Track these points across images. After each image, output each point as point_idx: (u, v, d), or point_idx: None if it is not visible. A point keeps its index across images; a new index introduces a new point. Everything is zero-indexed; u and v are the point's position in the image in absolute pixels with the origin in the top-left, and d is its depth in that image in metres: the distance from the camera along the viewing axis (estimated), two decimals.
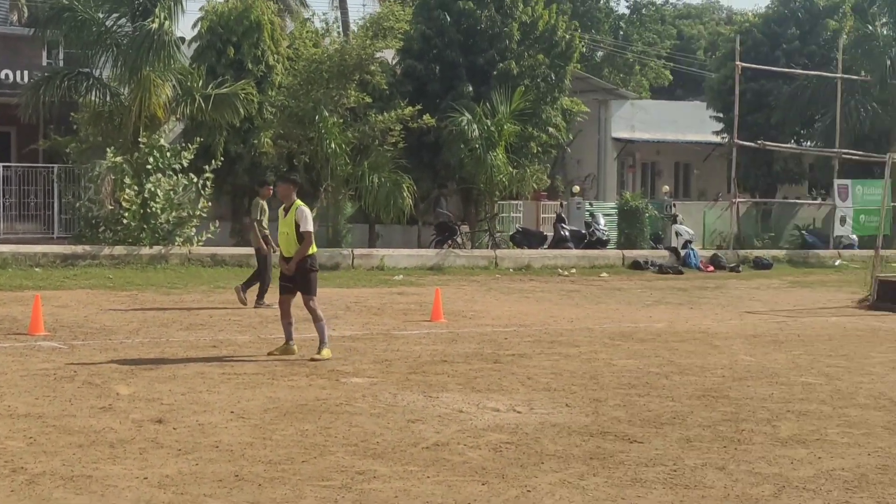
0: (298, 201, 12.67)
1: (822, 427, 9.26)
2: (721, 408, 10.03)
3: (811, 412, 9.91)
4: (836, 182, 35.50)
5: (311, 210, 13.22)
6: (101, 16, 25.89)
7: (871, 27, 37.10)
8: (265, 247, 18.16)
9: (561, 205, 34.17)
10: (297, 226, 12.39)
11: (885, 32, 37.27)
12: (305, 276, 12.53)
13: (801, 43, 39.66)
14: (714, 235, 35.53)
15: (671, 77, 58.58)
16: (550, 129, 32.35)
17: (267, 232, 18.27)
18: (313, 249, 12.60)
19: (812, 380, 11.79)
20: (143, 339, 13.79)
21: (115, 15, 26.13)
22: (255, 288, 18.18)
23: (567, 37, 32.47)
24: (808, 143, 39.92)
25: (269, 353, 12.61)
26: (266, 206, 18.47)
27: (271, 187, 18.39)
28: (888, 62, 35.58)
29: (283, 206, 12.67)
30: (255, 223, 18.30)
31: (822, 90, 37.15)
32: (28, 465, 7.43)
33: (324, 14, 76.07)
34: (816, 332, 16.44)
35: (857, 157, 35.17)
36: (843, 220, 34.93)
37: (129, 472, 7.33)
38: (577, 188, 36.64)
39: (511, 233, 31.74)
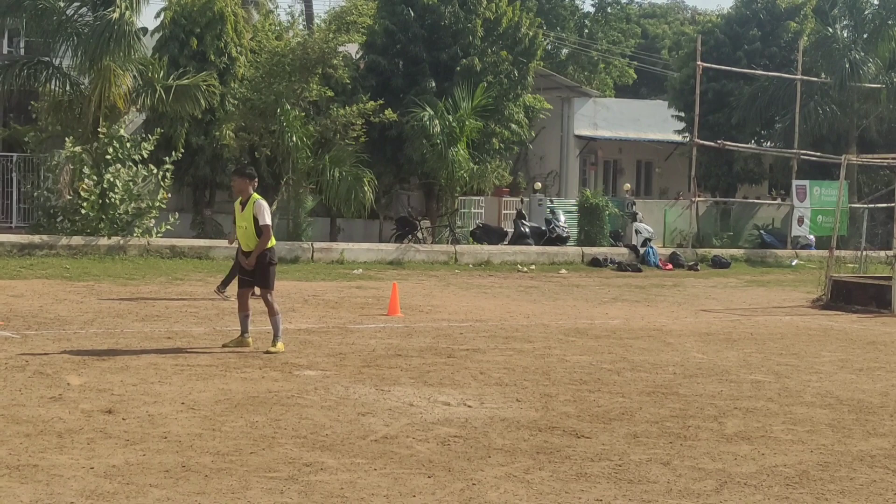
0: (255, 195, 12.66)
1: (768, 424, 9.38)
2: (670, 404, 10.13)
3: (758, 409, 10.03)
4: (795, 183, 35.80)
5: (272, 203, 13.28)
6: (62, 4, 25.76)
7: (831, 30, 37.40)
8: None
9: (521, 201, 34.29)
10: (256, 220, 12.38)
11: (844, 35, 37.60)
12: (264, 270, 12.56)
13: (763, 44, 39.94)
14: (674, 234, 35.73)
15: (635, 76, 58.79)
16: (513, 126, 32.45)
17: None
18: (272, 243, 12.63)
19: (761, 377, 11.92)
20: (98, 330, 13.75)
21: (76, 4, 26.01)
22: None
23: (530, 34, 32.58)
24: (768, 144, 40.23)
25: (224, 345, 12.62)
26: None
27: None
28: (847, 65, 35.87)
29: (240, 199, 12.66)
30: None
31: (783, 91, 37.44)
32: None
33: (289, 7, 75.97)
34: (769, 331, 16.60)
35: (815, 158, 35.58)
36: (800, 221, 35.22)
37: (76, 461, 7.33)
38: (538, 185, 36.79)
39: (471, 228, 31.81)
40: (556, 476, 7.43)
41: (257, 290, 13.15)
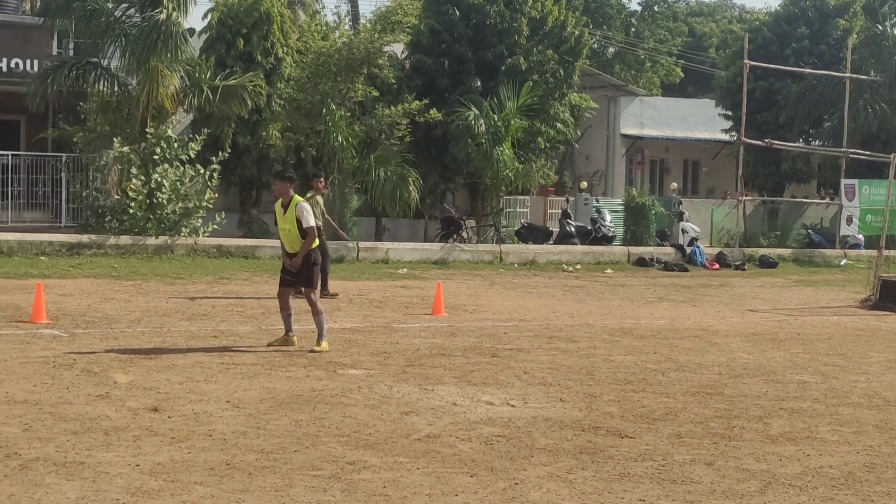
0: (297, 197, 12.75)
1: (814, 425, 9.31)
2: (714, 404, 10.08)
3: (804, 410, 9.96)
4: (843, 182, 35.44)
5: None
6: (110, 6, 25.96)
7: (880, 27, 37.04)
8: (343, 234, 18.87)
9: (567, 200, 34.19)
10: (299, 222, 12.45)
11: (894, 32, 37.17)
12: (308, 270, 12.63)
13: (811, 42, 39.58)
14: (721, 233, 35.48)
15: (682, 74, 58.51)
16: (558, 125, 32.41)
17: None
18: (316, 243, 12.70)
19: (808, 378, 11.83)
20: (145, 329, 13.87)
21: (125, 5, 26.20)
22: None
23: (576, 33, 32.51)
24: (816, 143, 39.84)
25: (269, 344, 12.70)
26: (321, 200, 18.76)
27: (323, 180, 19.29)
28: None
29: (281, 202, 12.71)
30: (323, 217, 18.65)
31: (831, 90, 37.09)
32: (22, 450, 7.51)
33: (335, 7, 76.22)
34: (817, 331, 16.47)
35: (864, 157, 35.14)
36: (849, 220, 34.86)
37: (122, 459, 7.40)
38: (584, 184, 36.68)
39: (517, 228, 31.76)
40: (598, 476, 7.42)
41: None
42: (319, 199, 18.64)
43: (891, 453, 8.35)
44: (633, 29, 59.52)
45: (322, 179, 19.65)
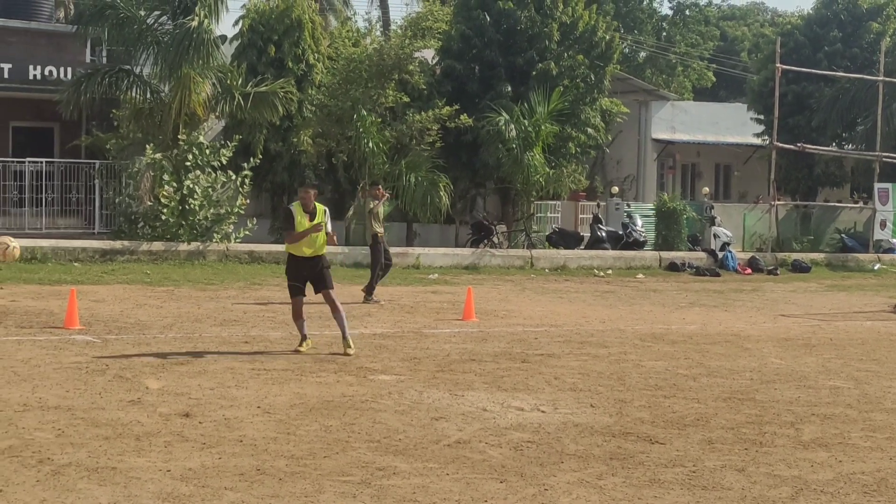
0: (320, 204, 12.96)
1: (846, 431, 9.25)
2: (746, 410, 10.04)
3: (836, 416, 9.90)
4: (877, 186, 35.21)
5: (349, 208, 13.53)
6: (142, 13, 26.15)
7: None
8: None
9: (598, 205, 34.16)
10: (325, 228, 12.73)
11: None
12: (326, 273, 12.78)
13: (844, 45, 39.36)
14: (753, 238, 35.32)
15: (714, 78, 58.26)
16: (589, 130, 32.33)
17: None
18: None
19: (840, 384, 11.76)
20: (177, 335, 13.95)
21: (157, 13, 26.40)
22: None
23: (607, 37, 32.44)
24: (850, 147, 39.58)
25: (296, 350, 12.74)
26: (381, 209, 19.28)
27: (380, 187, 19.98)
28: None
29: (304, 209, 12.81)
30: (372, 219, 19.22)
31: (864, 93, 36.86)
32: (55, 455, 7.57)
33: (366, 13, 76.34)
34: (850, 336, 16.36)
35: None
36: (883, 224, 34.62)
37: (153, 464, 7.45)
38: (615, 189, 36.58)
39: (547, 233, 31.73)
40: (629, 482, 7.40)
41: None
42: (380, 207, 19.15)
43: None
44: (664, 33, 59.33)
45: (380, 187, 20.15)
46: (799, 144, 34.82)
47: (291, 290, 12.97)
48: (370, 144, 27.38)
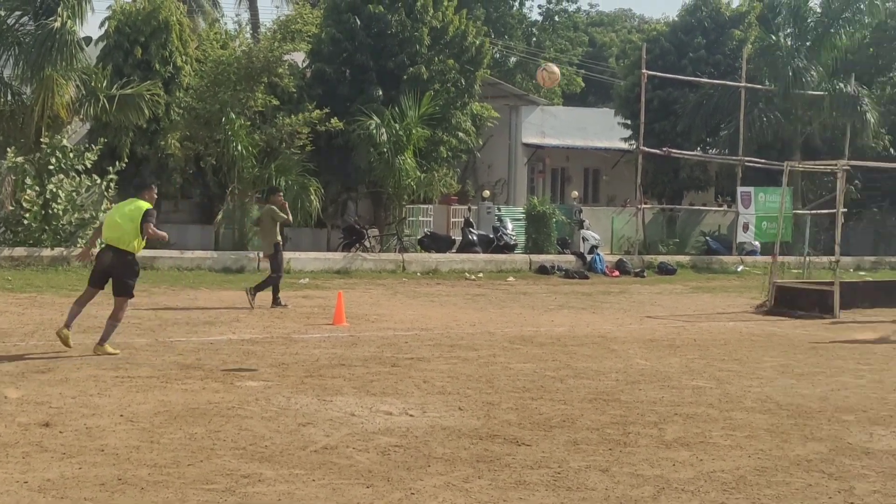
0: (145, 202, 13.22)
1: (707, 430, 9.43)
2: (611, 411, 10.17)
3: (698, 415, 10.09)
4: (740, 189, 36.09)
5: (218, 212, 13.39)
6: (2, 13, 25.50)
7: (774, 37, 37.75)
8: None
9: (469, 209, 34.35)
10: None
11: (788, 43, 37.94)
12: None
13: (708, 52, 40.25)
14: (621, 241, 35.94)
15: (583, 84, 59.04)
16: (460, 134, 32.54)
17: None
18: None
19: (703, 383, 11.99)
20: (38, 342, 13.61)
21: (17, 13, 25.78)
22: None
23: (477, 42, 32.69)
24: (714, 151, 40.51)
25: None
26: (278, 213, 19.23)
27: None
28: (791, 72, 36.24)
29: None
30: (277, 227, 19.26)
31: (727, 99, 37.80)
32: None
33: (236, 15, 75.53)
34: (713, 337, 16.72)
35: (759, 165, 35.92)
36: (745, 227, 35.49)
37: (10, 475, 7.24)
38: (487, 193, 36.85)
39: (419, 237, 31.81)
40: (494, 484, 7.44)
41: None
42: (282, 215, 19.08)
43: (781, 457, 8.49)
44: (534, 39, 59.92)
45: (280, 194, 20.14)
46: (665, 149, 35.56)
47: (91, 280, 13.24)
48: (239, 148, 27.14)
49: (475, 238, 31.40)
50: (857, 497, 7.39)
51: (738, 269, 33.45)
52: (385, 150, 29.11)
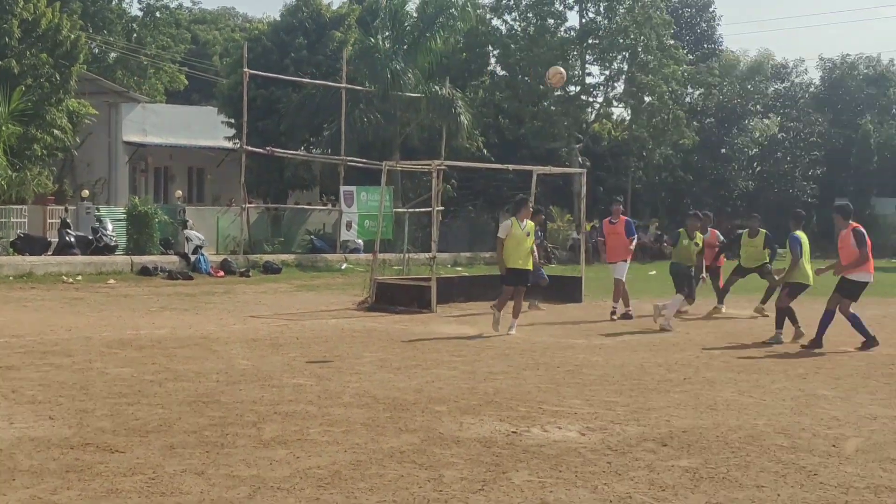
0: None
1: (306, 427, 9.51)
2: (210, 413, 10.06)
3: (297, 413, 10.16)
4: (342, 188, 36.74)
5: None
6: None
7: (373, 40, 38.74)
8: None
9: (66, 210, 33.09)
10: None
11: (387, 45, 39.04)
12: None
13: (310, 52, 40.77)
14: (227, 240, 35.76)
15: (186, 81, 58.34)
16: (55, 132, 31.36)
17: None
18: None
19: (303, 381, 12.09)
20: None
21: None
22: None
23: (73, 36, 31.62)
24: (317, 151, 41.10)
25: None
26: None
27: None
28: (389, 74, 37.32)
29: None
30: None
31: (330, 99, 38.44)
32: None
33: None
34: (315, 335, 16.91)
35: (361, 165, 36.76)
36: (349, 226, 36.17)
37: None
38: (86, 192, 35.65)
39: (12, 239, 30.28)
40: (84, 495, 7.16)
41: None
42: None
43: (376, 450, 8.68)
44: (135, 34, 58.49)
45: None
46: (268, 148, 35.68)
47: None
48: None
49: (73, 240, 30.28)
50: (446, 484, 7.65)
51: (343, 267, 34.09)
52: None
